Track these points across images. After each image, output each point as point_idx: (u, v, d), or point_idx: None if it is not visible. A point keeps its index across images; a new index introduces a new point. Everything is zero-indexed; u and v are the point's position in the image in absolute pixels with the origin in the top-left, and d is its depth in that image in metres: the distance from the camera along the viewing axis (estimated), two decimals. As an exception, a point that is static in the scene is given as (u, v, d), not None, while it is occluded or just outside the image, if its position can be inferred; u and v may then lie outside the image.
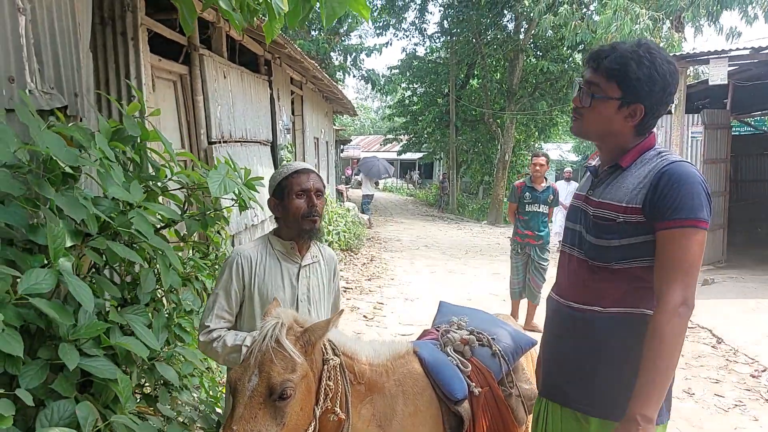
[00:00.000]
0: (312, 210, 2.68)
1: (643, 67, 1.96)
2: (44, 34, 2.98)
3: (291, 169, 2.77)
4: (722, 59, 9.48)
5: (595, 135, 2.13)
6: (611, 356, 2.03)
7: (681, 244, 1.90)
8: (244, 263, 2.68)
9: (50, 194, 2.35)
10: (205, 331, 2.65)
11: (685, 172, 1.94)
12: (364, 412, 2.28)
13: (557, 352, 2.23)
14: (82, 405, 2.36)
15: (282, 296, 2.65)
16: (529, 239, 7.69)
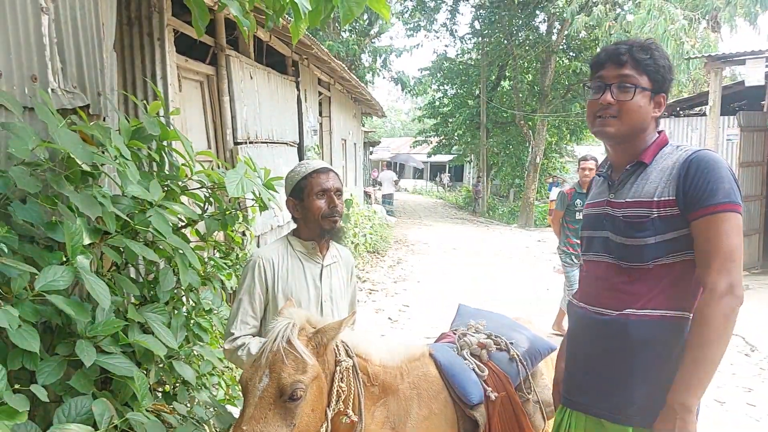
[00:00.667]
0: (333, 210, 2.65)
1: (664, 58, 2.04)
2: (67, 34, 3.01)
3: (309, 168, 2.72)
4: (759, 60, 9.26)
5: (631, 132, 2.07)
6: (647, 362, 1.98)
7: (720, 229, 1.86)
8: (266, 266, 2.64)
9: (67, 192, 2.36)
10: (230, 339, 2.62)
11: (713, 158, 1.93)
12: (378, 414, 2.26)
13: (584, 361, 2.16)
14: (98, 402, 2.37)
15: (306, 297, 2.63)
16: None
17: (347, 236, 9.58)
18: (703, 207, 1.88)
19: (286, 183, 2.79)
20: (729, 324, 1.83)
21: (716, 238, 1.86)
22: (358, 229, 10.60)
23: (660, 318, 1.97)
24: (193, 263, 2.95)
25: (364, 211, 12.93)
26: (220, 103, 6.23)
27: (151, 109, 3.14)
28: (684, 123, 11.88)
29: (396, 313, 8.77)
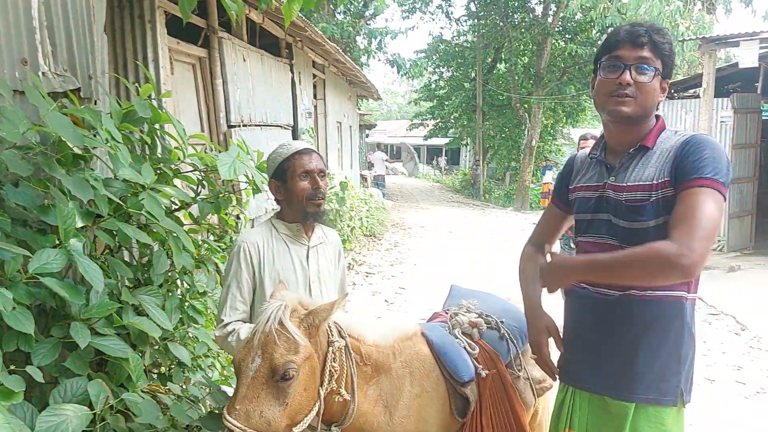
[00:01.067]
0: (317, 191, 2.63)
1: (671, 44, 2.05)
2: (57, 17, 3.00)
3: (291, 149, 2.69)
4: (753, 41, 9.24)
5: (644, 114, 2.07)
6: (649, 341, 2.02)
7: (698, 199, 1.87)
8: (251, 249, 2.63)
9: (59, 175, 2.38)
10: (221, 325, 2.61)
11: (708, 139, 1.97)
12: (371, 392, 2.29)
13: (586, 341, 2.18)
14: (93, 383, 2.40)
15: (294, 279, 2.63)
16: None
17: (343, 219, 9.60)
18: (689, 180, 1.90)
19: (268, 165, 2.77)
20: (650, 269, 1.83)
21: (694, 206, 1.85)
22: (354, 213, 10.60)
23: (661, 298, 2.01)
24: (187, 246, 2.96)
25: (360, 194, 12.93)
26: (213, 86, 6.22)
27: (142, 92, 3.13)
28: (678, 105, 11.89)
29: (392, 296, 8.81)
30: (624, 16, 17.23)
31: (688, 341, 2.04)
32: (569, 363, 2.26)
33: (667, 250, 1.79)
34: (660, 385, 2.01)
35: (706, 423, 4.73)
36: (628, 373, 2.04)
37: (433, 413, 2.41)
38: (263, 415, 1.86)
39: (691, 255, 1.77)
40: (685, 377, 2.04)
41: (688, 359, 2.05)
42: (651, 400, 2.01)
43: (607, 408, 2.08)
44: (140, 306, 2.90)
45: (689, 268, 1.78)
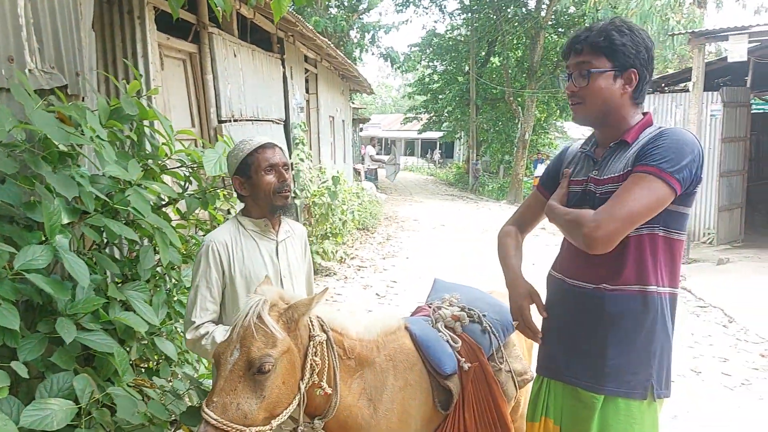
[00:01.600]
0: (283, 185, 2.62)
1: (625, 35, 2.03)
2: (44, 14, 3.01)
3: (254, 144, 2.64)
4: (742, 35, 9.28)
5: (600, 114, 2.12)
6: (620, 334, 2.04)
7: (629, 183, 1.92)
8: (220, 249, 2.59)
9: (44, 172, 2.40)
10: (192, 328, 2.55)
11: (678, 133, 1.96)
12: (355, 386, 2.32)
13: (561, 332, 2.23)
14: (79, 377, 2.43)
15: (265, 274, 2.59)
16: None
17: (335, 213, 9.62)
18: (636, 165, 1.95)
19: (229, 161, 2.72)
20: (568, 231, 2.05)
21: (625, 188, 1.92)
22: (346, 206, 10.63)
23: (633, 293, 2.02)
24: (174, 241, 2.99)
25: (352, 188, 12.94)
26: (204, 82, 6.23)
27: (129, 89, 3.15)
28: (669, 99, 11.93)
29: (384, 289, 8.85)
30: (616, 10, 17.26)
31: (661, 336, 2.04)
32: (545, 353, 2.30)
33: (581, 220, 1.94)
34: (629, 378, 2.03)
35: (692, 414, 4.78)
36: (598, 366, 2.06)
37: (417, 406, 2.45)
38: (240, 408, 1.89)
39: (596, 230, 1.89)
40: (657, 372, 2.05)
41: (659, 354, 2.05)
42: (620, 393, 2.03)
43: (579, 398, 2.12)
44: (127, 301, 2.93)
45: (591, 241, 1.90)
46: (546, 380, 2.27)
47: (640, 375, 2.03)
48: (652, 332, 2.03)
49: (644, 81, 2.09)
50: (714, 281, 8.98)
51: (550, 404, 2.23)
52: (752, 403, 5.02)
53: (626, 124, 2.10)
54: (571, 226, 1.99)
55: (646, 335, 2.02)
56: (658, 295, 2.02)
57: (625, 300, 2.03)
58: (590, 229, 1.89)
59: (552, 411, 2.23)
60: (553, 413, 2.22)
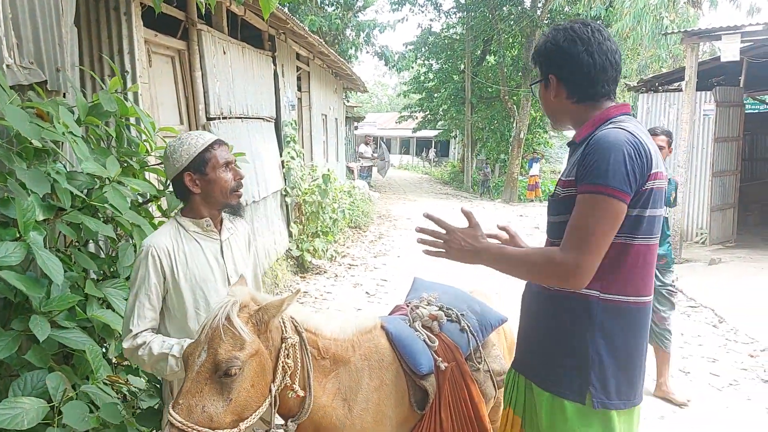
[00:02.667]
0: (239, 183, 2.57)
1: (543, 42, 2.11)
2: (23, 9, 2.99)
3: (208, 139, 2.54)
4: (735, 35, 9.28)
5: (551, 118, 2.22)
6: (558, 335, 2.05)
7: (581, 209, 1.87)
8: (161, 254, 2.46)
9: (17, 168, 2.38)
10: (129, 336, 2.42)
11: (605, 138, 1.88)
12: (329, 386, 2.30)
13: (525, 327, 2.26)
14: (52, 375, 2.41)
15: (212, 277, 2.54)
16: None
17: (325, 211, 9.60)
18: (582, 183, 1.89)
19: (179, 156, 2.51)
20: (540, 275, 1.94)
21: (576, 216, 1.88)
22: (337, 205, 10.61)
23: (570, 294, 1.98)
24: (153, 238, 2.97)
25: (343, 186, 12.92)
26: (192, 79, 6.20)
27: (110, 86, 3.13)
28: (662, 98, 11.93)
29: (374, 288, 8.84)
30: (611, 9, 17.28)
31: (601, 343, 1.96)
32: (516, 350, 2.33)
33: (555, 260, 1.87)
34: (564, 380, 2.02)
35: (678, 415, 4.79)
36: (545, 364, 2.10)
37: (392, 406, 2.43)
38: (205, 411, 1.86)
39: (576, 269, 1.83)
40: (600, 380, 1.96)
41: (602, 362, 1.96)
42: (559, 393, 2.03)
43: (533, 392, 2.15)
44: (107, 299, 2.91)
45: (576, 279, 1.85)
46: (513, 372, 2.31)
47: (576, 378, 1.99)
48: (587, 337, 1.97)
49: (570, 81, 2.05)
50: (706, 281, 8.98)
51: (513, 396, 2.27)
52: (740, 404, 5.01)
53: (580, 124, 2.10)
54: (543, 271, 1.91)
55: (581, 339, 1.98)
56: (596, 300, 1.95)
57: (563, 300, 2.01)
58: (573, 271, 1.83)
59: (514, 402, 2.26)
60: (515, 404, 2.26)
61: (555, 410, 2.04)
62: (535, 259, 1.93)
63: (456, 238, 2.06)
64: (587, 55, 2.00)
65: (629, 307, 1.98)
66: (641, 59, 20.92)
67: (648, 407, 4.91)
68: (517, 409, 2.24)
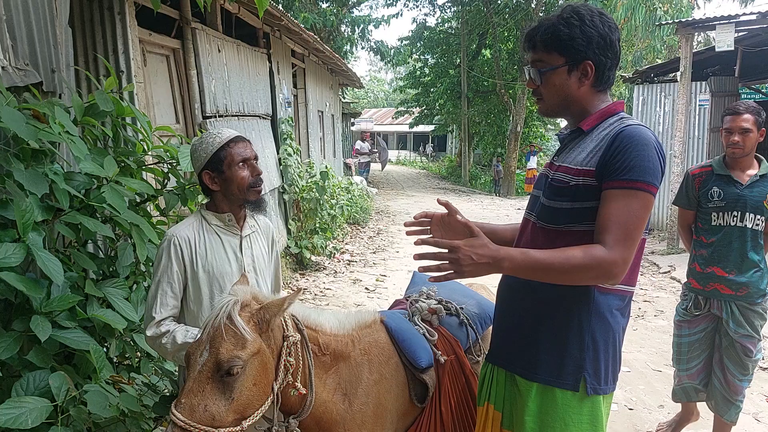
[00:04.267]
0: (257, 179, 2.59)
1: (573, 27, 1.97)
2: (17, 10, 3.00)
3: (224, 137, 2.58)
4: (729, 25, 9.29)
5: (559, 107, 2.11)
6: (552, 324, 2.04)
7: (625, 202, 1.86)
8: (182, 243, 2.54)
9: (14, 170, 2.38)
10: (152, 324, 2.49)
11: (640, 134, 1.91)
12: (330, 381, 2.31)
13: (505, 319, 2.23)
14: (55, 375, 2.42)
15: (229, 270, 2.59)
16: (717, 285, 3.79)
17: (323, 208, 9.61)
18: (616, 179, 1.88)
19: (198, 155, 2.60)
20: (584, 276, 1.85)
21: (619, 210, 1.86)
22: (335, 201, 10.61)
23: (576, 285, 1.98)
24: (152, 238, 2.98)
25: (341, 182, 12.93)
26: (188, 77, 6.20)
27: (106, 86, 3.14)
28: (657, 89, 11.95)
29: (373, 284, 8.85)
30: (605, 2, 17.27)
31: (597, 329, 2.00)
32: (492, 342, 2.32)
33: (604, 259, 1.82)
34: (557, 367, 2.02)
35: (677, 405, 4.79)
36: (532, 354, 2.07)
37: (393, 400, 2.44)
38: (207, 410, 1.87)
39: (623, 266, 1.85)
40: (593, 366, 2.01)
41: (596, 348, 2.01)
42: (550, 382, 2.03)
43: (516, 384, 2.13)
44: (107, 298, 2.92)
45: (618, 276, 1.86)
46: (491, 366, 2.28)
47: (570, 366, 2.01)
48: (584, 324, 2.00)
49: (605, 68, 2.03)
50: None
51: (492, 390, 2.24)
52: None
53: (588, 113, 2.08)
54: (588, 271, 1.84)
55: (578, 327, 2.00)
56: (594, 289, 1.98)
57: (559, 289, 1.98)
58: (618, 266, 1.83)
59: (493, 397, 2.24)
60: (495, 399, 2.23)
61: (545, 400, 2.04)
62: (577, 261, 1.84)
63: (464, 253, 1.83)
64: (618, 43, 2.04)
65: (621, 295, 2.04)
66: (636, 50, 20.94)
67: (648, 397, 4.93)
68: (497, 405, 2.22)
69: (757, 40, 10.62)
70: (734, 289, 3.72)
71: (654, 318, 7.01)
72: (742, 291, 3.72)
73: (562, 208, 2.01)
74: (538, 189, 2.21)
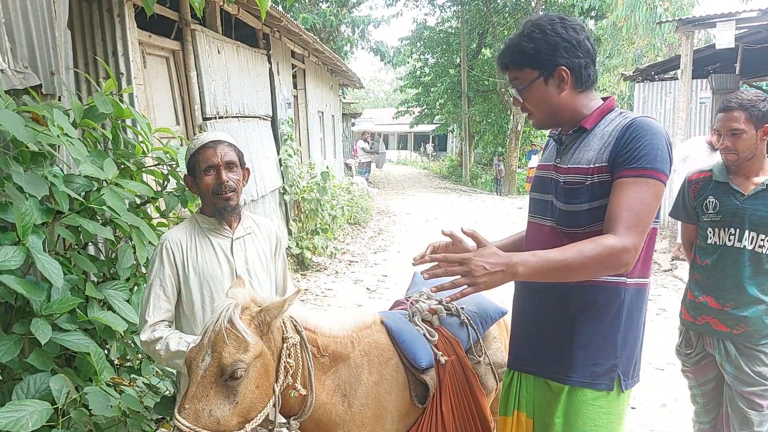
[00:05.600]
0: (221, 186, 2.56)
1: (537, 40, 1.99)
2: (16, 14, 2.99)
3: (198, 143, 2.62)
4: (729, 22, 9.26)
5: (549, 118, 2.12)
6: (585, 327, 2.04)
7: (636, 190, 1.87)
8: (173, 247, 2.58)
9: (13, 172, 2.38)
10: (146, 328, 2.50)
11: (649, 124, 1.93)
12: (329, 383, 2.30)
13: (529, 326, 2.22)
14: (55, 377, 2.43)
15: (219, 273, 2.60)
16: (709, 318, 3.13)
17: (324, 208, 9.61)
18: (627, 168, 1.89)
19: (185, 159, 2.69)
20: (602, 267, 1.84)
21: (631, 197, 1.87)
22: (336, 202, 10.62)
23: (597, 284, 2.00)
24: (152, 240, 2.98)
25: (341, 182, 12.93)
26: (188, 79, 6.20)
27: (105, 88, 3.14)
28: (658, 87, 11.94)
29: (374, 284, 8.84)
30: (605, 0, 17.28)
31: (627, 326, 2.04)
32: (515, 347, 2.30)
33: (615, 246, 1.81)
34: (594, 369, 2.04)
35: (680, 403, 4.79)
36: (564, 356, 2.07)
37: (393, 400, 2.44)
38: (212, 414, 1.87)
39: (634, 252, 1.84)
40: (625, 363, 2.06)
41: (626, 344, 2.05)
42: (585, 383, 2.04)
43: (549, 388, 2.13)
44: (108, 300, 2.92)
45: (629, 264, 1.86)
46: (516, 374, 2.27)
47: (606, 365, 2.04)
48: (617, 323, 2.03)
49: (581, 68, 2.02)
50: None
51: (522, 398, 2.23)
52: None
53: (581, 114, 2.08)
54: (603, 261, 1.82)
55: (611, 326, 2.03)
56: (624, 287, 2.01)
57: (591, 291, 2.01)
58: (629, 253, 1.83)
59: (524, 404, 2.23)
60: (525, 406, 2.22)
61: (573, 401, 2.06)
62: (591, 254, 1.81)
63: (476, 263, 1.77)
64: (587, 41, 2.03)
65: (643, 289, 2.08)
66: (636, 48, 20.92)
67: (650, 396, 4.94)
68: (528, 412, 2.21)
69: (758, 37, 10.58)
70: (729, 325, 3.01)
71: (656, 316, 7.00)
72: (740, 329, 3.00)
73: (581, 210, 2.01)
74: (542, 192, 2.20)
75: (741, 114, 2.99)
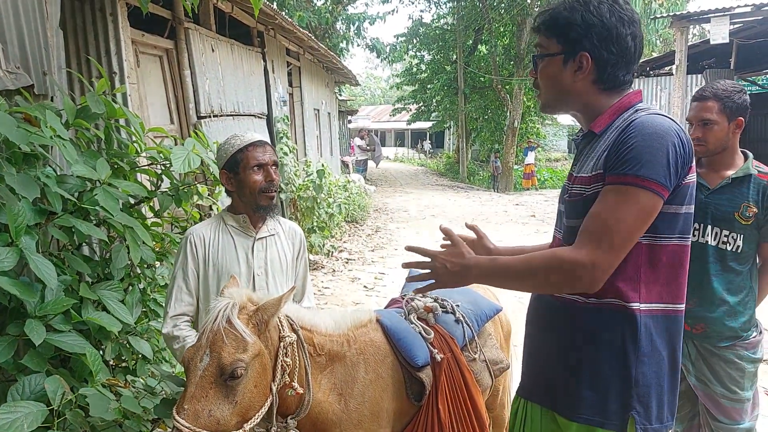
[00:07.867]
0: (270, 184, 2.64)
1: (575, 12, 1.77)
2: (7, 14, 2.98)
3: (245, 141, 2.69)
4: (724, 18, 9.29)
5: (555, 101, 1.90)
6: (593, 355, 1.79)
7: (612, 199, 1.64)
8: (197, 241, 2.66)
9: (5, 173, 2.37)
10: (168, 320, 2.61)
11: (649, 123, 1.66)
12: (325, 382, 2.30)
13: (538, 350, 2.00)
14: (51, 379, 2.42)
15: (237, 270, 2.64)
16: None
17: (321, 206, 9.61)
18: (610, 174, 1.68)
19: (219, 155, 2.75)
20: (549, 281, 1.69)
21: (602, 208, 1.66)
22: (333, 200, 10.61)
23: (607, 307, 1.75)
24: (145, 239, 2.97)
25: (338, 180, 12.92)
26: (181, 77, 6.19)
27: (97, 88, 3.12)
28: (654, 82, 11.96)
29: (372, 282, 8.84)
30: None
31: (645, 358, 1.74)
32: (524, 374, 2.09)
33: (565, 259, 1.64)
34: (602, 406, 1.78)
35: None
36: (572, 390, 1.83)
37: (389, 399, 2.44)
38: (212, 414, 1.87)
39: (592, 269, 1.62)
40: (643, 402, 1.75)
41: (642, 382, 1.75)
42: (594, 422, 1.78)
43: (556, 421, 1.90)
44: (102, 301, 2.91)
45: (590, 281, 1.65)
46: (523, 401, 2.05)
47: (615, 403, 1.76)
48: (629, 354, 1.74)
49: (607, 65, 1.77)
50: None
51: (527, 427, 2.00)
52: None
53: (594, 112, 1.84)
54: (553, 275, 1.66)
55: (622, 358, 1.74)
56: (638, 312, 1.73)
57: (599, 315, 1.76)
58: (587, 270, 1.61)
59: None
60: None
61: None
62: (538, 264, 1.68)
63: (440, 261, 1.75)
64: (631, 39, 1.78)
65: (669, 316, 1.78)
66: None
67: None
68: None
69: (752, 32, 10.62)
70: (690, 324, 2.83)
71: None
72: (698, 329, 2.87)
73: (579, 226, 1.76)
74: (560, 202, 2.01)
75: (715, 104, 2.86)
